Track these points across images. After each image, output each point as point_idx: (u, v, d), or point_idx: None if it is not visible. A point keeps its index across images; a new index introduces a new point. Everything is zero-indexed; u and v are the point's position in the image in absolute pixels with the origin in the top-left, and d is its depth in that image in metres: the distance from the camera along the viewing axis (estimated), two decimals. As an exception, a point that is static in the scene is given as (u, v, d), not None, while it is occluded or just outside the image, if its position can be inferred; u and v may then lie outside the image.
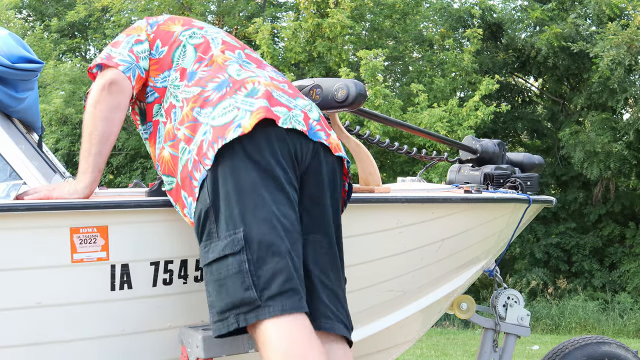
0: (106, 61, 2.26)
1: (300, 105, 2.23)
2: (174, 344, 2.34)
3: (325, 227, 2.21)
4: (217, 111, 2.13)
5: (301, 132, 2.15)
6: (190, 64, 2.30)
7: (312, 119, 2.21)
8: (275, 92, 2.20)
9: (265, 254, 2.01)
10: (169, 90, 2.29)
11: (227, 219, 2.04)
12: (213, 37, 2.38)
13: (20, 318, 2.17)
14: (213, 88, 2.20)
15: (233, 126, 2.07)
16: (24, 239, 2.14)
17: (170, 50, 2.34)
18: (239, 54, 2.36)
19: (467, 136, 3.31)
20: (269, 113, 2.11)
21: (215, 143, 2.07)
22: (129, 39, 2.33)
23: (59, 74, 13.20)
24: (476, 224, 2.93)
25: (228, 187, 2.05)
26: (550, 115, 14.39)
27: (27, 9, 16.69)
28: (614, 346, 3.19)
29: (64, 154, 13.39)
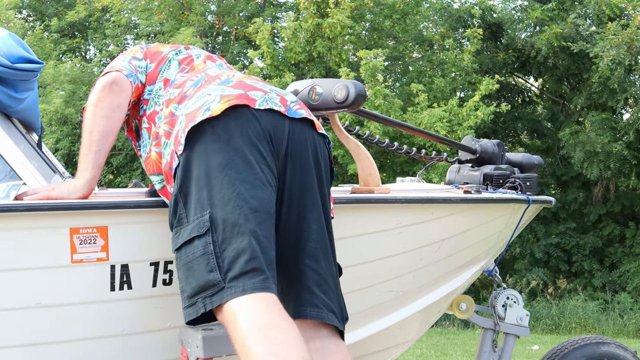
0: (109, 69, 2.34)
1: (276, 90, 2.24)
2: (174, 344, 2.35)
3: (316, 212, 2.17)
4: (191, 101, 2.18)
5: (278, 112, 2.15)
6: (173, 74, 2.39)
7: (289, 100, 2.22)
8: (249, 80, 2.24)
9: (230, 234, 1.98)
10: (152, 100, 2.37)
11: (195, 202, 2.03)
12: (197, 54, 2.50)
13: (20, 318, 2.17)
14: (190, 85, 2.27)
15: (202, 109, 2.09)
16: (24, 239, 2.15)
17: (158, 65, 2.44)
18: (220, 64, 2.47)
19: (466, 136, 3.31)
20: (241, 99, 2.11)
21: (186, 128, 2.09)
22: (126, 55, 2.44)
23: (59, 74, 13.20)
24: (475, 224, 2.94)
25: (197, 171, 2.05)
26: (550, 115, 14.40)
27: (27, 9, 16.70)
28: (613, 346, 3.20)
29: (64, 154, 13.40)
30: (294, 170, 2.15)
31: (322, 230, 2.18)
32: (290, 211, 2.14)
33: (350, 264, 2.50)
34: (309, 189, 2.16)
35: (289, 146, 2.14)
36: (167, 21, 14.21)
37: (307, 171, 2.17)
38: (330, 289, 2.16)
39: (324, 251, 2.17)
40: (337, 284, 2.21)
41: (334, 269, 2.22)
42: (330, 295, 2.16)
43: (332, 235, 2.24)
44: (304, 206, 2.15)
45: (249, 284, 1.94)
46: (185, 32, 12.83)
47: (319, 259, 2.15)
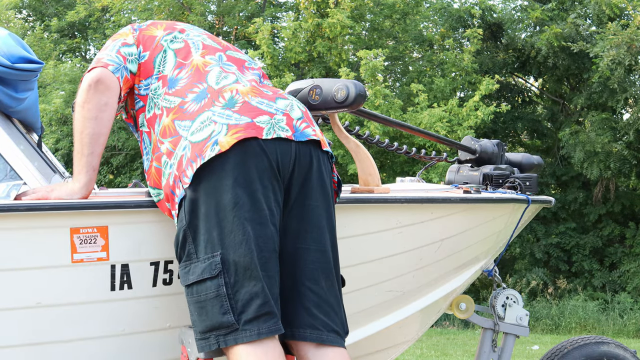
0: (95, 64, 2.28)
1: (282, 108, 2.20)
2: (174, 344, 2.35)
3: (317, 232, 2.19)
4: (195, 125, 2.13)
5: (285, 138, 2.14)
6: (171, 71, 2.30)
7: (295, 118, 2.19)
8: (254, 99, 2.18)
9: (242, 277, 2.04)
10: (151, 99, 2.30)
11: (205, 241, 2.06)
12: (194, 41, 2.38)
13: (20, 318, 2.17)
14: (192, 99, 2.20)
15: (210, 143, 2.07)
16: (24, 239, 2.15)
17: (152, 55, 2.34)
18: (220, 56, 2.36)
19: (466, 136, 3.31)
20: (249, 130, 2.09)
21: (193, 162, 2.08)
22: (115, 43, 2.35)
23: (59, 74, 13.19)
24: (475, 224, 2.94)
25: (206, 207, 2.06)
26: (550, 115, 14.39)
27: (27, 9, 16.68)
28: (613, 346, 3.20)
29: (64, 154, 13.38)
30: (298, 192, 2.17)
31: (323, 249, 2.19)
32: (291, 232, 2.16)
33: (350, 264, 2.50)
34: (311, 209, 2.18)
35: (295, 169, 2.16)
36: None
37: (311, 192, 2.18)
38: (331, 309, 2.18)
39: (324, 271, 2.19)
40: (339, 301, 2.22)
41: (337, 286, 2.22)
42: (331, 315, 2.18)
43: (337, 251, 2.25)
44: (304, 227, 2.17)
45: (264, 328, 2.03)
46: (185, 32, 12.81)
47: (319, 279, 2.17)
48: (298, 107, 2.26)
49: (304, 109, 2.29)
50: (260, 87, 2.26)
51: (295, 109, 2.23)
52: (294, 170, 2.15)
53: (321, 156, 2.23)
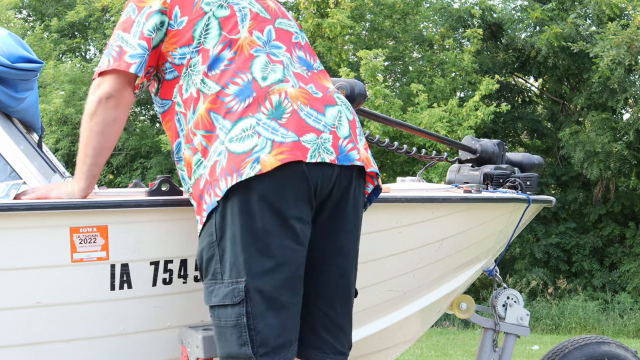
0: (117, 63, 2.07)
1: (330, 122, 2.05)
2: (173, 343, 2.34)
3: (342, 256, 2.12)
4: (235, 130, 1.98)
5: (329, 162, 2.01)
6: (213, 45, 2.08)
7: (341, 137, 2.06)
8: (303, 109, 2.03)
9: (266, 308, 1.97)
10: (189, 75, 2.09)
11: (231, 264, 1.97)
12: (242, 7, 2.14)
13: (20, 318, 2.17)
14: (234, 93, 2.02)
15: (250, 159, 1.93)
16: (24, 238, 2.14)
17: (192, 22, 2.10)
18: (269, 32, 2.14)
19: (466, 136, 3.31)
20: (294, 152, 1.95)
21: (229, 176, 1.94)
22: (140, 16, 2.10)
23: (59, 74, 13.19)
24: (476, 223, 2.94)
25: (236, 229, 1.96)
26: (550, 115, 14.40)
27: (27, 9, 16.68)
28: (614, 346, 3.20)
29: (64, 154, 13.40)
30: (330, 213, 2.09)
31: (345, 274, 2.14)
32: (314, 253, 2.10)
33: (351, 264, 2.50)
34: (340, 233, 2.11)
35: (332, 191, 2.06)
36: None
37: (344, 215, 2.11)
38: (341, 332, 2.15)
39: (343, 295, 2.15)
40: (350, 322, 2.18)
41: (351, 308, 2.18)
42: (341, 338, 2.15)
43: (356, 272, 2.20)
44: (330, 250, 2.11)
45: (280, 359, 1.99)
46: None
47: (335, 304, 2.13)
48: (347, 119, 2.12)
49: (352, 118, 2.15)
50: (309, 86, 2.10)
51: (343, 123, 2.09)
52: (331, 193, 2.06)
53: (360, 181, 2.13)
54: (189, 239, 2.31)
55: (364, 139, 2.17)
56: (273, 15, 2.20)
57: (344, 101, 2.17)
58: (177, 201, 2.28)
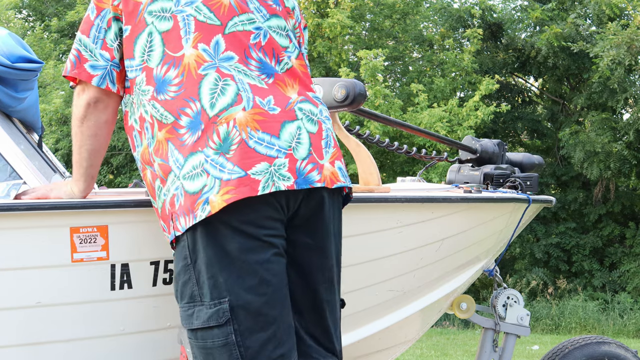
0: (76, 71, 2.03)
1: (285, 145, 1.95)
2: (173, 343, 2.34)
3: (324, 270, 2.08)
4: (187, 167, 1.92)
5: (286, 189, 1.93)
6: (157, 64, 1.98)
7: (299, 159, 1.96)
8: (254, 136, 1.92)
9: (253, 323, 1.92)
10: (137, 94, 2.03)
11: (211, 286, 1.92)
12: (185, 16, 1.99)
13: (20, 318, 2.17)
14: (187, 125, 1.94)
15: (201, 200, 1.89)
16: (24, 238, 2.14)
17: (133, 34, 2.00)
18: (216, 44, 1.99)
19: (466, 136, 3.31)
20: (241, 189, 1.87)
21: (186, 215, 1.92)
22: (100, 19, 2.03)
23: (59, 74, 13.18)
24: (476, 223, 2.93)
25: (209, 252, 1.92)
26: (550, 115, 14.39)
27: (27, 9, 16.67)
28: (614, 346, 3.19)
29: (64, 154, 13.38)
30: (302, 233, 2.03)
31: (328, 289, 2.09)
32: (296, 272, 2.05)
33: (351, 264, 2.50)
34: (317, 250, 2.06)
35: (299, 211, 2.00)
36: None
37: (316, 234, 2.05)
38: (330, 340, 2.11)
39: (330, 307, 2.10)
40: (337, 328, 2.14)
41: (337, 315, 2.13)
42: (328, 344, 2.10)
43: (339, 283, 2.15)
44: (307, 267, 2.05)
45: None
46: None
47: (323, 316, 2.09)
48: (307, 134, 2.00)
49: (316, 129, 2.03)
50: (267, 100, 1.98)
51: (303, 140, 1.98)
52: (298, 211, 2.00)
53: (334, 197, 2.07)
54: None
55: (332, 150, 2.05)
56: (225, 17, 2.02)
57: (308, 110, 2.03)
58: (177, 201, 2.28)
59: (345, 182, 2.08)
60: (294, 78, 2.09)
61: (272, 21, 2.10)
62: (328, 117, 2.11)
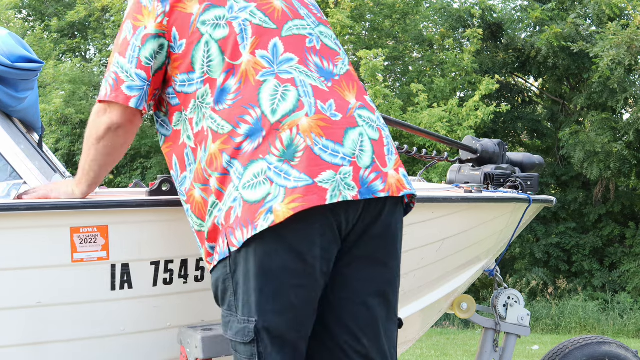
0: (114, 94, 1.96)
1: (349, 152, 1.87)
2: (173, 343, 2.34)
3: (381, 284, 1.98)
4: (247, 175, 1.84)
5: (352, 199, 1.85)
6: (218, 73, 1.91)
7: (363, 167, 1.88)
8: (318, 142, 1.85)
9: (274, 346, 1.88)
10: (199, 108, 1.93)
11: (244, 301, 1.88)
12: (241, 22, 1.93)
13: (20, 318, 2.16)
14: (246, 133, 1.86)
15: (264, 210, 1.80)
16: (24, 238, 2.14)
17: (190, 46, 1.93)
18: (274, 47, 1.94)
19: (467, 136, 3.31)
20: (309, 198, 1.79)
21: (244, 227, 1.82)
22: (135, 38, 1.95)
23: (59, 74, 13.19)
24: (476, 223, 2.93)
25: (250, 266, 1.85)
26: (550, 115, 14.40)
27: (27, 9, 16.67)
28: (615, 346, 3.19)
29: (64, 154, 13.39)
30: (359, 248, 1.94)
31: (387, 302, 2.00)
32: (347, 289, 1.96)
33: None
34: (375, 263, 1.97)
35: (358, 224, 1.91)
36: (167, 21, 14.18)
37: (373, 247, 1.95)
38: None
39: (385, 326, 2.00)
40: (393, 349, 2.03)
41: (394, 335, 2.03)
42: None
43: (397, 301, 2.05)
44: (365, 282, 1.96)
45: None
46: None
47: (378, 335, 1.98)
48: (369, 141, 1.93)
49: (378, 136, 1.95)
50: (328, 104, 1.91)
51: (365, 148, 1.91)
52: (356, 226, 1.91)
53: (396, 207, 1.98)
54: (190, 239, 2.30)
55: (394, 157, 1.99)
56: (280, 21, 1.98)
57: (367, 117, 1.97)
58: (177, 201, 2.28)
59: (412, 190, 2.00)
60: (352, 81, 2.03)
61: (321, 28, 2.07)
62: (385, 125, 2.06)
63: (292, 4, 2.04)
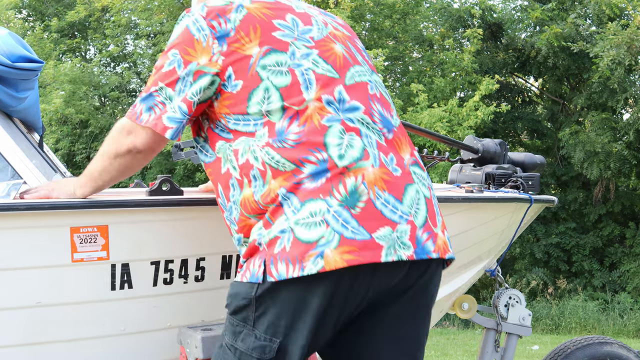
0: (155, 122, 1.92)
1: (407, 210, 1.85)
2: (173, 343, 2.34)
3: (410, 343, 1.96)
4: (303, 212, 1.79)
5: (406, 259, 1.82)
6: (279, 118, 1.85)
7: (418, 226, 1.86)
8: (381, 196, 1.82)
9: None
10: (243, 142, 1.89)
11: (270, 322, 1.84)
12: (304, 70, 1.89)
13: (20, 318, 2.16)
14: (309, 173, 1.81)
15: (314, 253, 1.75)
16: (24, 238, 2.14)
17: (247, 89, 1.87)
18: (340, 94, 1.89)
19: (468, 136, 3.30)
20: (363, 254, 1.76)
21: (291, 264, 1.77)
22: (186, 73, 1.90)
23: (59, 74, 13.19)
24: (478, 223, 2.93)
25: (286, 296, 1.81)
26: (550, 115, 14.41)
27: (27, 9, 16.68)
28: (616, 346, 3.19)
29: (64, 154, 13.39)
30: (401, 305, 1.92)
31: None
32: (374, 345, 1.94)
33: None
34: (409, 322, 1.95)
35: (398, 285, 1.88)
36: (167, 21, 14.21)
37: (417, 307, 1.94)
38: None
39: None
40: None
41: None
42: None
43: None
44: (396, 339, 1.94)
45: None
46: (185, 32, 12.83)
47: None
48: (424, 199, 1.91)
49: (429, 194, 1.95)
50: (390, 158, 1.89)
51: (421, 206, 1.89)
52: (400, 283, 1.88)
53: (438, 269, 1.96)
54: (190, 238, 2.30)
55: (441, 218, 1.98)
56: (343, 69, 1.94)
57: (420, 174, 1.96)
58: (177, 201, 2.28)
59: (453, 255, 1.98)
60: (404, 135, 2.02)
61: (375, 77, 2.04)
62: (430, 182, 2.06)
63: (350, 49, 2.01)
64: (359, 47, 2.08)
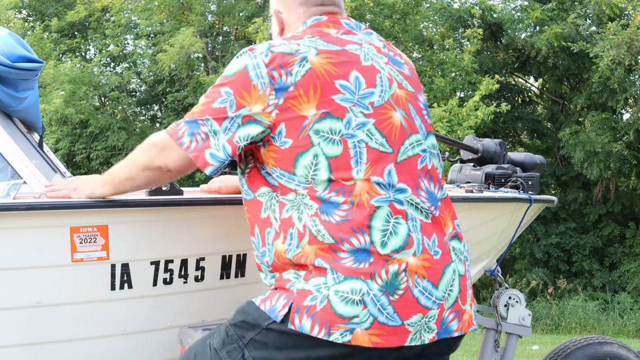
0: (196, 154, 1.89)
1: (440, 295, 1.85)
2: (173, 343, 2.34)
3: None
4: (345, 285, 1.78)
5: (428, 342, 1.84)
6: (323, 187, 1.82)
7: (447, 308, 1.87)
8: (419, 284, 1.82)
9: None
10: (296, 202, 1.85)
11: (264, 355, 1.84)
12: (357, 142, 1.84)
13: (20, 318, 2.16)
14: (350, 251, 1.80)
15: (345, 327, 1.77)
16: (24, 238, 2.14)
17: (295, 150, 1.83)
18: (389, 174, 1.86)
19: (468, 136, 3.30)
20: (390, 339, 1.78)
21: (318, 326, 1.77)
22: (237, 115, 1.86)
23: (59, 74, 13.19)
24: (478, 223, 2.93)
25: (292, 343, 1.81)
26: (550, 115, 14.41)
27: (27, 9, 16.67)
28: (616, 346, 3.19)
29: (64, 154, 13.39)
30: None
31: None
32: None
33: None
34: None
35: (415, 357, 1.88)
36: (167, 21, 14.21)
37: None
38: None
39: None
40: None
41: None
42: None
43: None
44: None
45: None
46: (185, 32, 12.84)
47: None
48: (458, 278, 1.91)
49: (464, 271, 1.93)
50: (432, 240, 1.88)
51: (454, 287, 1.89)
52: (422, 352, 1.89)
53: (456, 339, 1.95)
54: (190, 238, 2.30)
55: (471, 291, 1.98)
56: (397, 142, 1.89)
57: (458, 249, 1.96)
58: (177, 201, 2.28)
59: (477, 325, 2.01)
60: (449, 206, 2.01)
61: (429, 140, 2.01)
62: (467, 250, 2.03)
63: (410, 114, 1.96)
64: (420, 106, 2.03)
